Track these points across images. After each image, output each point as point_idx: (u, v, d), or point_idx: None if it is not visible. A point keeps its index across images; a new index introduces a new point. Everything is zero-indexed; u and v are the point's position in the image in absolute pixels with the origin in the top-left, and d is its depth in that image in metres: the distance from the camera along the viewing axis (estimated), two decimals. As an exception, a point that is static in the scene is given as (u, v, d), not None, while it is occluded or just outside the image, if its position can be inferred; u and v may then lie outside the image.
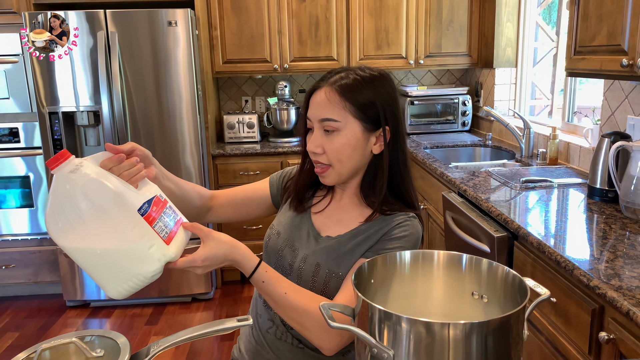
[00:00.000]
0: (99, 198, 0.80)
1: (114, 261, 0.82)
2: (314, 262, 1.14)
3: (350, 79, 1.11)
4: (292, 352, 1.18)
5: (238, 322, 0.76)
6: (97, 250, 0.80)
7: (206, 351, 2.79)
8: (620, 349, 1.26)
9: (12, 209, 3.27)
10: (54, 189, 0.81)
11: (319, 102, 1.11)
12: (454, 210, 2.26)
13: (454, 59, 3.59)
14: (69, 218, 0.79)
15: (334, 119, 1.10)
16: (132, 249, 0.82)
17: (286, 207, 1.27)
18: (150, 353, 0.71)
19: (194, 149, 3.12)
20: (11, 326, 3.10)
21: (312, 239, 1.18)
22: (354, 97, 1.10)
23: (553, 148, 2.66)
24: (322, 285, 1.13)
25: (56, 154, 0.80)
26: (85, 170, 0.81)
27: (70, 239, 0.80)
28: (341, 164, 1.13)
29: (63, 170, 0.80)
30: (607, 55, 1.75)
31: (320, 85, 1.13)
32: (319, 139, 1.12)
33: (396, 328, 0.67)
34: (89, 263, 0.82)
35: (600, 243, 1.59)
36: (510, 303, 0.77)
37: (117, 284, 0.83)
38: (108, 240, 0.81)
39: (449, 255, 0.85)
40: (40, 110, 2.99)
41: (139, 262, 0.83)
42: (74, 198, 0.79)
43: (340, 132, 1.10)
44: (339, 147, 1.11)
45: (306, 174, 1.24)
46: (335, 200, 1.23)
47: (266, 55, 3.45)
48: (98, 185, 0.81)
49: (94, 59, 2.94)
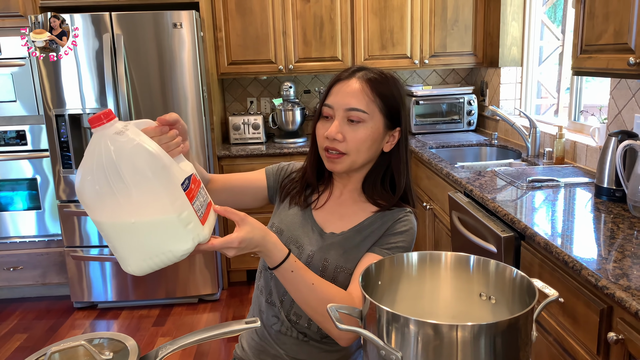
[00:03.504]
0: (146, 165, 0.75)
1: (148, 234, 0.76)
2: (321, 258, 1.16)
3: (379, 76, 1.15)
4: (298, 345, 1.19)
5: (246, 325, 0.76)
6: (131, 220, 0.74)
7: (213, 352, 2.79)
8: (629, 350, 1.25)
9: (20, 211, 3.29)
10: (95, 148, 0.74)
11: (350, 92, 1.13)
12: (460, 210, 2.26)
13: (459, 59, 3.58)
14: (110, 181, 0.72)
15: (363, 110, 1.12)
16: (170, 223, 0.77)
17: (285, 204, 1.28)
18: (158, 356, 0.71)
19: (199, 150, 3.13)
20: (20, 328, 3.11)
21: (317, 235, 1.20)
22: (383, 94, 1.14)
23: (559, 147, 2.64)
24: (330, 280, 1.14)
25: (99, 112, 0.74)
26: (132, 134, 0.75)
27: (106, 204, 0.74)
28: (358, 154, 1.14)
29: (107, 131, 0.74)
30: (613, 54, 1.73)
31: (348, 76, 1.15)
32: (341, 127, 1.13)
33: (404, 330, 0.67)
34: (117, 232, 0.76)
35: (608, 243, 1.58)
36: (519, 304, 0.77)
37: (142, 258, 0.77)
38: (147, 210, 0.75)
39: (457, 257, 0.84)
40: (47, 112, 3.00)
41: (174, 238, 0.78)
42: (120, 160, 0.73)
43: (365, 123, 1.13)
44: (362, 138, 1.13)
45: (314, 168, 1.25)
46: (334, 196, 1.25)
47: (271, 56, 3.46)
48: (146, 152, 0.75)
49: (100, 62, 2.95)
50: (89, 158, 0.75)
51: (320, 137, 1.16)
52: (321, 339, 1.19)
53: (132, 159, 0.73)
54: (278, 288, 1.21)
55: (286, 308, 1.20)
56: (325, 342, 1.19)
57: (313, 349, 1.19)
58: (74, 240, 3.19)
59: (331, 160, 1.16)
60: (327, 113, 1.15)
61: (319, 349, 1.19)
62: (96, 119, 0.75)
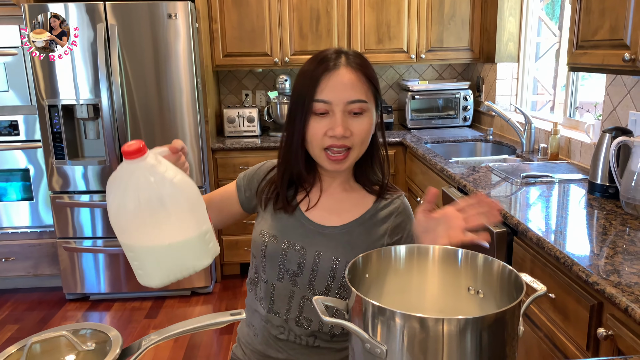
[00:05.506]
0: (184, 195, 0.82)
1: (177, 253, 0.83)
2: (330, 257, 1.11)
3: (361, 60, 1.10)
4: (307, 349, 1.16)
5: (231, 316, 0.75)
6: (166, 242, 0.81)
7: (205, 345, 2.79)
8: (618, 345, 1.25)
9: (13, 201, 3.27)
10: (131, 179, 0.79)
11: (347, 83, 1.06)
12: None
13: (456, 54, 3.57)
14: (152, 209, 0.79)
15: (364, 100, 1.07)
16: (198, 243, 0.85)
17: (269, 210, 1.19)
18: (142, 347, 0.70)
19: (193, 142, 3.11)
20: (11, 319, 3.10)
21: (317, 235, 1.14)
22: (372, 77, 1.10)
23: (554, 143, 2.64)
24: (344, 278, 1.10)
25: (134, 145, 0.78)
26: (166, 166, 0.82)
27: (144, 229, 0.81)
28: (362, 146, 1.11)
29: (143, 163, 0.79)
30: (609, 50, 1.73)
31: (334, 66, 1.06)
32: (345, 122, 1.07)
33: (390, 323, 0.66)
34: (150, 254, 0.83)
35: (600, 239, 1.58)
36: (507, 298, 0.76)
37: (167, 275, 0.84)
38: (180, 233, 0.82)
39: (445, 250, 0.84)
40: (40, 103, 2.98)
41: (198, 256, 0.86)
42: (162, 191, 0.79)
43: (368, 113, 1.09)
44: (368, 128, 1.09)
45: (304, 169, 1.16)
46: (325, 192, 1.19)
47: (267, 48, 3.44)
48: (184, 183, 0.83)
49: (94, 52, 2.92)
50: (125, 187, 0.80)
51: (317, 137, 1.07)
52: (331, 338, 1.15)
53: (174, 191, 0.81)
54: (281, 297, 1.15)
55: (294, 315, 1.14)
56: (336, 340, 1.16)
57: (322, 351, 1.16)
58: (66, 232, 3.17)
59: (336, 162, 1.09)
60: (322, 109, 1.07)
61: (328, 349, 1.16)
62: (135, 152, 0.79)
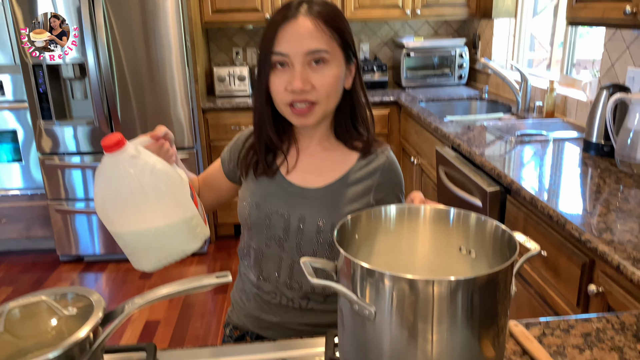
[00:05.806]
0: (165, 183, 0.86)
1: (164, 239, 0.88)
2: (315, 219, 1.09)
3: (328, 8, 1.04)
4: (301, 312, 1.15)
5: (217, 279, 0.73)
6: (152, 230, 0.85)
7: (200, 304, 2.81)
8: (608, 302, 1.25)
9: (2, 163, 3.22)
10: (114, 171, 0.82)
11: (305, 33, 1.00)
12: (447, 165, 2.23)
13: (452, 9, 3.47)
14: (134, 199, 0.83)
15: (325, 50, 1.02)
16: (184, 228, 0.89)
17: (250, 178, 1.16)
18: (125, 310, 0.69)
19: (184, 102, 3.05)
20: (5, 281, 3.11)
21: (299, 198, 1.11)
22: (338, 26, 1.04)
23: (550, 101, 2.60)
24: (330, 240, 1.07)
25: (112, 139, 0.81)
26: (145, 157, 0.85)
27: (128, 218, 0.85)
28: (329, 100, 1.06)
29: (122, 156, 0.82)
30: (609, 3, 1.67)
31: (294, 15, 1.01)
32: (305, 74, 1.01)
33: (379, 285, 0.64)
34: (138, 240, 0.87)
35: (594, 197, 1.57)
36: (499, 258, 0.74)
37: (157, 259, 0.89)
38: (165, 220, 0.86)
39: (436, 210, 0.82)
40: (24, 62, 2.89)
41: (187, 240, 0.90)
42: (142, 181, 0.82)
43: (330, 63, 1.03)
44: (331, 81, 1.03)
45: (273, 129, 1.12)
46: (304, 152, 1.15)
47: (257, 4, 3.33)
48: (163, 172, 0.86)
49: (77, 8, 2.82)
50: (107, 180, 0.83)
51: (279, 92, 1.03)
52: (325, 299, 1.14)
53: (153, 180, 0.84)
54: (270, 263, 1.14)
55: (284, 280, 1.13)
56: (329, 301, 1.14)
57: (316, 314, 1.15)
58: (58, 193, 3.14)
59: (301, 115, 1.05)
60: (280, 61, 1.02)
61: (322, 311, 1.15)
62: (113, 146, 0.81)
